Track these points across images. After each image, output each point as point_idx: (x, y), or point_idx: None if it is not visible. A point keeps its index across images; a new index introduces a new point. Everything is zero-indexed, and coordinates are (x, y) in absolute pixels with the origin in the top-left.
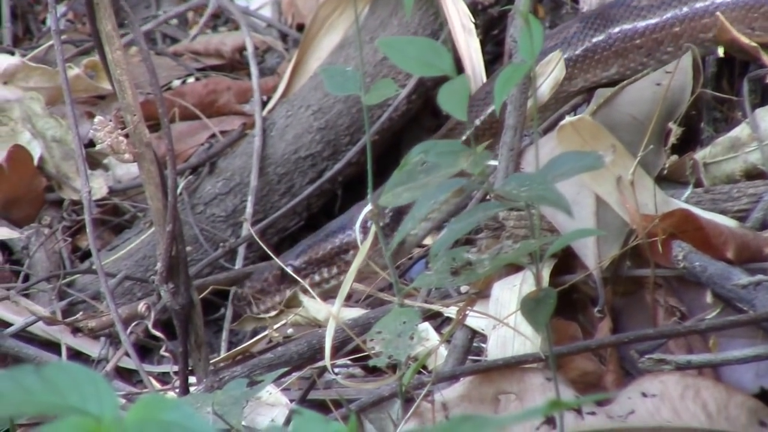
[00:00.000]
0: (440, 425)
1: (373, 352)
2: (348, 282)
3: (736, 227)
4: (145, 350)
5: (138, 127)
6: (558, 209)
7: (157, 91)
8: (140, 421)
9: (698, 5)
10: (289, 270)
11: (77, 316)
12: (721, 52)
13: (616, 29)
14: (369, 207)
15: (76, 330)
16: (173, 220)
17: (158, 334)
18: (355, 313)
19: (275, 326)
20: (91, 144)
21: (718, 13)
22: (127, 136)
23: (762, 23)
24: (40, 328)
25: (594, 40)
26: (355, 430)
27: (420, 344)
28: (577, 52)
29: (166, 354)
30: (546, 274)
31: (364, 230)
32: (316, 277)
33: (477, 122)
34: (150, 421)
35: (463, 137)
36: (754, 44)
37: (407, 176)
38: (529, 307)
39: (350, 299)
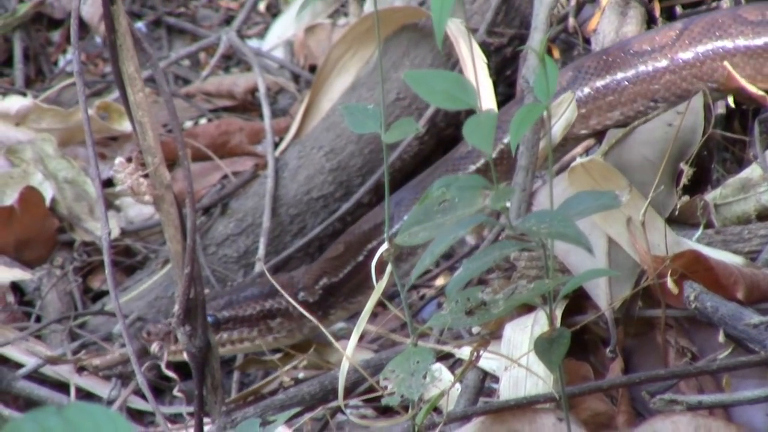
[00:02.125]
0: None
1: (386, 392)
2: (362, 322)
3: (745, 267)
4: (157, 391)
5: (158, 169)
6: (578, 246)
7: (178, 132)
8: None
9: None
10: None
11: (80, 354)
12: (731, 101)
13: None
14: (386, 245)
15: (81, 369)
16: (191, 262)
17: (171, 374)
18: (366, 354)
19: (285, 368)
20: (104, 185)
21: (725, 62)
22: (146, 176)
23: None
24: (51, 370)
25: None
26: None
27: (433, 384)
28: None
29: (179, 394)
30: (558, 314)
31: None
32: (235, 334)
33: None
34: None
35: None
36: (761, 93)
37: (424, 215)
38: (543, 347)
39: (361, 340)
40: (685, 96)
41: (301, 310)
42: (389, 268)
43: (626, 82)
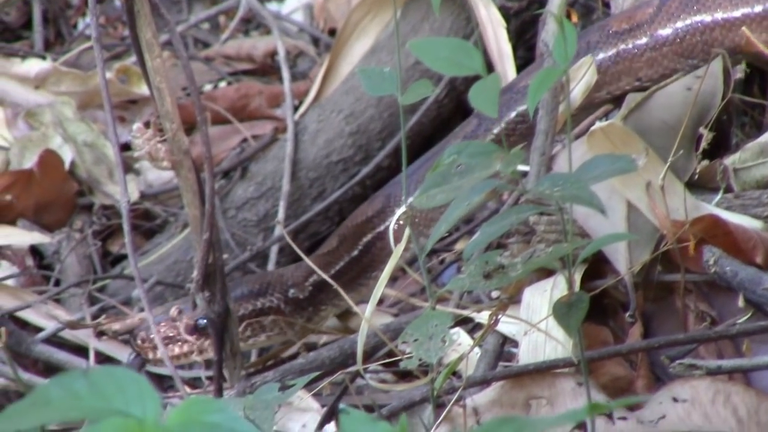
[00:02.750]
0: (478, 428)
1: (404, 356)
2: (381, 286)
3: (765, 232)
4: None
5: (176, 135)
6: (591, 208)
7: (196, 97)
8: (183, 423)
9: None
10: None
11: (100, 319)
12: (744, 67)
13: None
14: (404, 209)
15: (100, 333)
16: (210, 228)
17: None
18: (386, 319)
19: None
20: (123, 148)
21: (744, 27)
22: (164, 142)
23: None
24: (70, 334)
25: None
26: (405, 429)
27: (451, 348)
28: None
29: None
30: (577, 278)
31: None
32: None
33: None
34: (193, 423)
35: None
36: None
37: (441, 178)
38: (562, 311)
39: (381, 304)
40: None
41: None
42: (407, 232)
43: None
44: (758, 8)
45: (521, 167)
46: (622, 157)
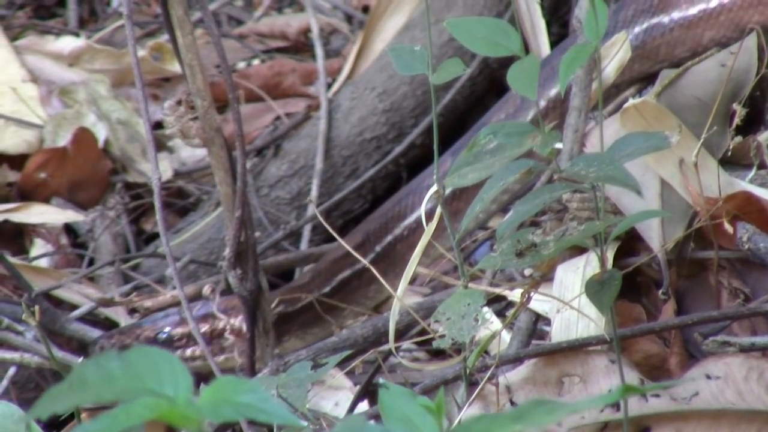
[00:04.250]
0: (512, 410)
1: (437, 334)
2: (413, 264)
3: None
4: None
5: (208, 112)
6: (627, 189)
7: (227, 76)
8: (215, 402)
9: None
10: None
11: (131, 296)
12: None
13: None
14: (434, 188)
15: (132, 311)
16: (242, 205)
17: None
18: (419, 297)
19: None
20: (156, 126)
21: None
22: (196, 119)
23: None
24: (104, 311)
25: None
26: (443, 404)
27: (484, 327)
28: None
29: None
30: (610, 256)
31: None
32: (188, 352)
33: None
34: (225, 403)
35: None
36: None
37: (474, 157)
38: (594, 288)
39: (414, 282)
40: None
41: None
42: (439, 210)
43: None
44: None
45: (556, 144)
46: (655, 135)
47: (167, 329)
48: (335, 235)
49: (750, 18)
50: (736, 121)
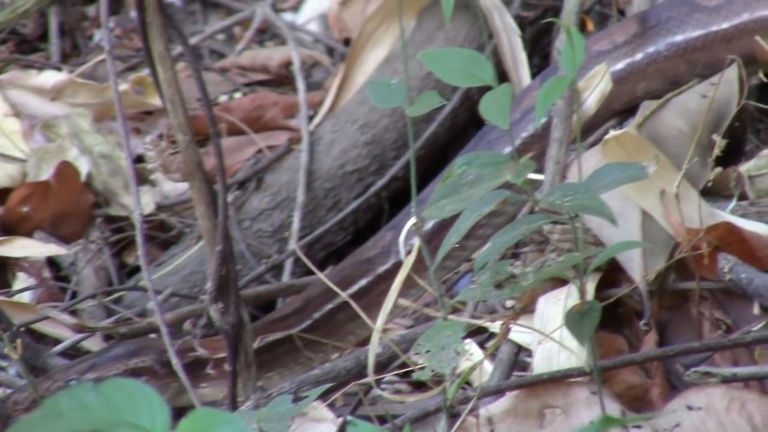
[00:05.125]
0: None
1: (417, 366)
2: (391, 297)
3: None
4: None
5: (189, 147)
6: (602, 218)
7: (208, 110)
8: None
9: None
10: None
11: (108, 323)
12: (762, 75)
13: None
14: (413, 219)
15: (108, 338)
16: (223, 239)
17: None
18: (403, 330)
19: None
20: (138, 160)
21: (757, 36)
22: (177, 154)
23: None
24: (86, 344)
25: None
26: None
27: (465, 358)
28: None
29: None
30: (591, 287)
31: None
32: None
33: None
34: None
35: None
36: None
37: (451, 189)
38: (574, 320)
39: (397, 315)
40: None
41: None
42: (417, 242)
43: None
44: None
45: (536, 176)
46: (632, 166)
47: (74, 378)
48: (314, 269)
49: (678, 67)
50: (716, 152)
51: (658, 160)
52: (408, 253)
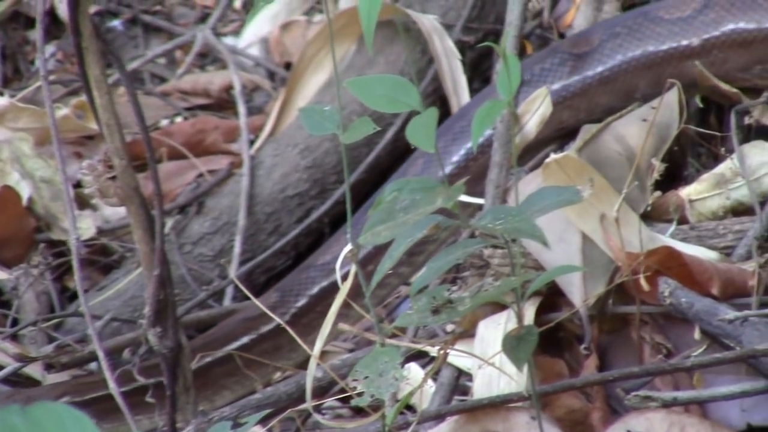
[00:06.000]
0: None
1: (356, 392)
2: (328, 323)
3: (720, 263)
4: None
5: (126, 171)
6: (534, 241)
7: (144, 134)
8: None
9: None
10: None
11: (49, 351)
12: (698, 100)
13: None
14: (348, 246)
15: (48, 366)
16: (161, 264)
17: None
18: (346, 353)
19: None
20: (79, 184)
21: (697, 62)
22: (115, 178)
23: None
24: (27, 370)
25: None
26: None
27: (404, 383)
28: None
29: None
30: (531, 312)
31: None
32: None
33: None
34: None
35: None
36: (735, 90)
37: (386, 214)
38: (511, 344)
39: (338, 339)
40: None
41: None
42: (353, 269)
43: None
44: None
45: (476, 200)
46: (567, 189)
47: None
48: (252, 297)
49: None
50: (655, 176)
51: (593, 183)
52: (344, 278)
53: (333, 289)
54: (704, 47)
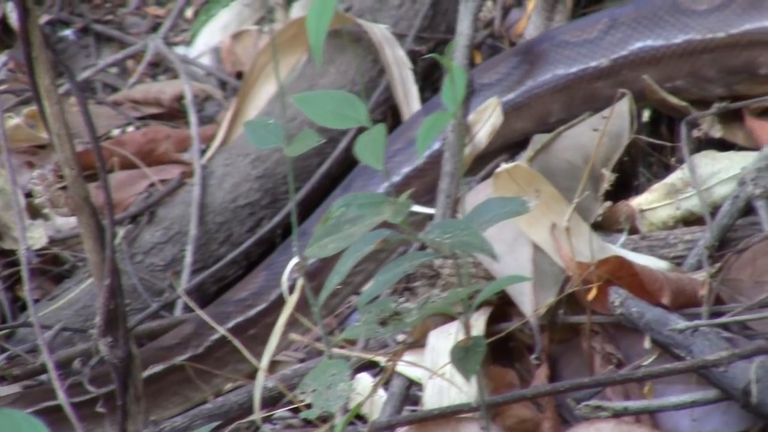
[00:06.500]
0: None
1: (305, 403)
2: (276, 335)
3: (671, 272)
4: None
5: (76, 181)
6: (482, 254)
7: (94, 144)
8: None
9: None
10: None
11: (1, 363)
12: (646, 115)
13: None
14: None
15: (1, 379)
16: (111, 273)
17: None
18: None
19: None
20: (31, 194)
21: (645, 75)
22: (65, 188)
23: None
24: None
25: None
26: None
27: (355, 393)
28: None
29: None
30: (481, 322)
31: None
32: None
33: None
34: None
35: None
36: (684, 103)
37: (333, 227)
38: (459, 355)
39: (290, 349)
40: None
41: None
42: (300, 282)
43: None
44: None
45: (427, 210)
46: (513, 200)
47: None
48: (198, 310)
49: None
50: (606, 186)
51: (539, 194)
52: (291, 289)
53: (247, 324)
54: (613, 67)
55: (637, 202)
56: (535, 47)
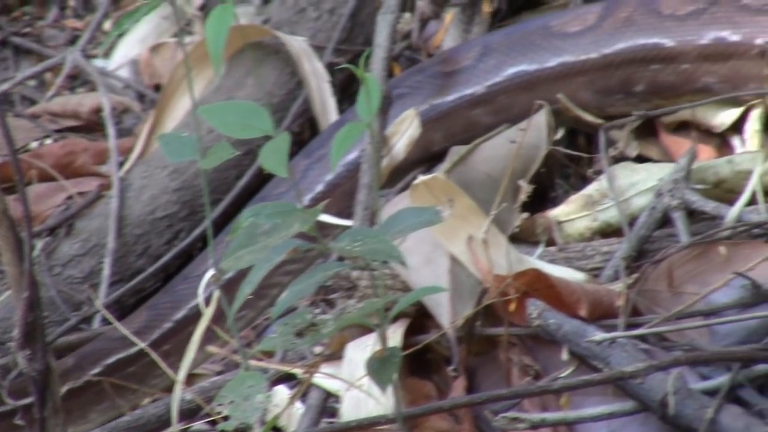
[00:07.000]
0: None
1: (223, 415)
2: (192, 348)
3: (588, 284)
4: None
5: None
6: (393, 262)
7: (13, 157)
8: None
9: None
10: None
11: None
12: (561, 132)
13: None
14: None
15: None
16: (30, 287)
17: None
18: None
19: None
20: None
21: (560, 94)
22: None
23: None
24: None
25: None
26: None
27: (273, 406)
28: None
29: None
30: (398, 334)
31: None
32: None
33: None
34: None
35: None
36: (599, 121)
37: (248, 239)
38: (375, 366)
39: (208, 361)
40: None
41: None
42: (216, 294)
43: None
44: None
45: (343, 221)
46: (427, 210)
47: None
48: (117, 324)
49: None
50: (523, 197)
51: (453, 204)
52: (207, 301)
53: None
54: (489, 94)
55: (555, 213)
56: (407, 80)
